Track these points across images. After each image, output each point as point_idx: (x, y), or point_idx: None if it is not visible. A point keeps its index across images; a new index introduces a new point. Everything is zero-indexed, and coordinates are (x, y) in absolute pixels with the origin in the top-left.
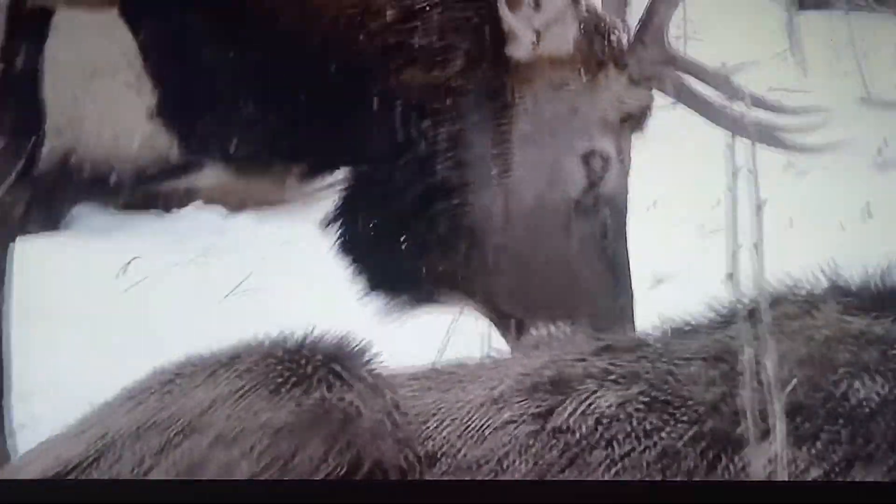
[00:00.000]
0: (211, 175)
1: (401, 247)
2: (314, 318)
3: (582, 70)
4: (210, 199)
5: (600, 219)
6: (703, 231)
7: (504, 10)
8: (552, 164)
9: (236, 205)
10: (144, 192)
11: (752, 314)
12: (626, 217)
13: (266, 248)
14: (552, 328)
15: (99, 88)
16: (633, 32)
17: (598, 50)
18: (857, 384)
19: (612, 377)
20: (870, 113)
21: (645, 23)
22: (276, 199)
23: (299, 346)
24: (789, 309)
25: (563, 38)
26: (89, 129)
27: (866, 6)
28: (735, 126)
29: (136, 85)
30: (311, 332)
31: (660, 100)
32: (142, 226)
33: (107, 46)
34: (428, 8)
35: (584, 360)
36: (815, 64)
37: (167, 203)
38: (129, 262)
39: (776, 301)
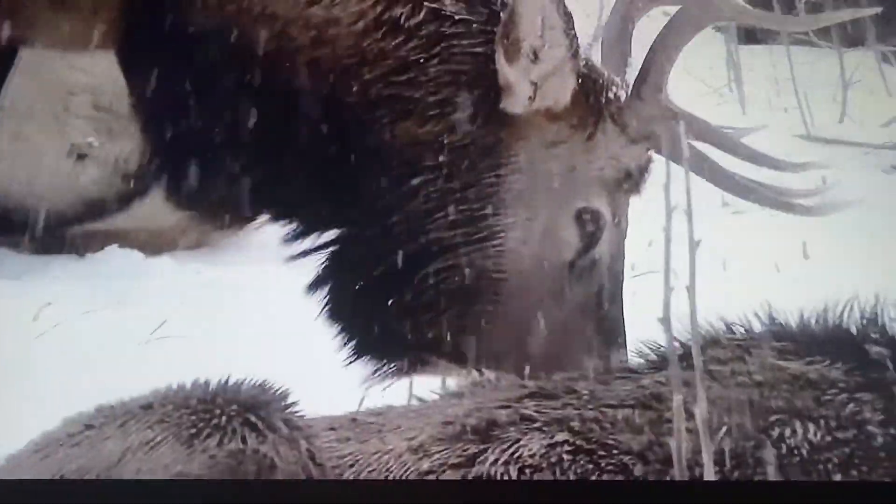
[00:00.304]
0: (134, 216)
1: (388, 311)
2: (232, 365)
3: (578, 126)
4: (127, 243)
5: (596, 283)
6: (632, 273)
7: (502, 63)
8: (546, 225)
9: (154, 248)
10: (59, 234)
11: (684, 359)
12: (622, 282)
13: (184, 293)
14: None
15: (12, 128)
16: (630, 88)
17: (595, 105)
18: (788, 431)
19: (537, 424)
20: (809, 149)
21: (642, 78)
22: (194, 243)
23: (214, 394)
24: (722, 353)
25: (561, 92)
26: (2, 169)
27: (808, 40)
28: (737, 188)
29: (55, 126)
30: (227, 380)
31: None
32: (55, 270)
33: (26, 84)
34: (422, 60)
35: (508, 406)
36: (755, 99)
37: (82, 246)
38: (41, 308)
39: (708, 345)
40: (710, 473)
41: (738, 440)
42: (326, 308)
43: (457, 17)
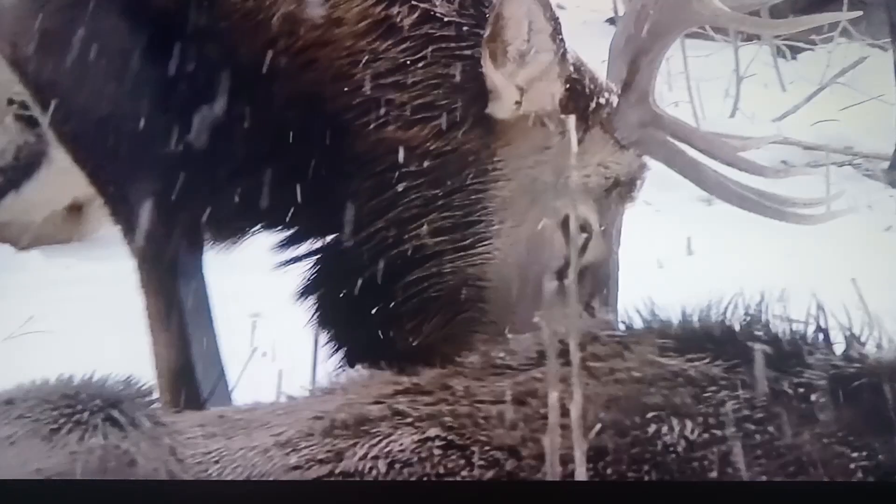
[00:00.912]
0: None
1: (374, 319)
2: (99, 361)
3: (566, 132)
4: None
5: (585, 291)
6: None
7: (488, 66)
8: (532, 232)
9: (26, 242)
10: None
11: (562, 355)
12: (612, 291)
13: (53, 288)
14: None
15: None
16: (618, 93)
17: (583, 111)
18: (665, 428)
19: (409, 420)
20: None
21: (629, 84)
22: (66, 237)
23: (77, 390)
24: (600, 349)
25: (548, 96)
26: None
27: (703, 34)
28: (722, 191)
29: None
30: (92, 375)
31: None
32: None
33: None
34: (409, 62)
35: (380, 402)
36: None
37: None
38: None
39: (588, 341)
40: (581, 472)
41: (614, 437)
42: (315, 316)
43: (446, 19)
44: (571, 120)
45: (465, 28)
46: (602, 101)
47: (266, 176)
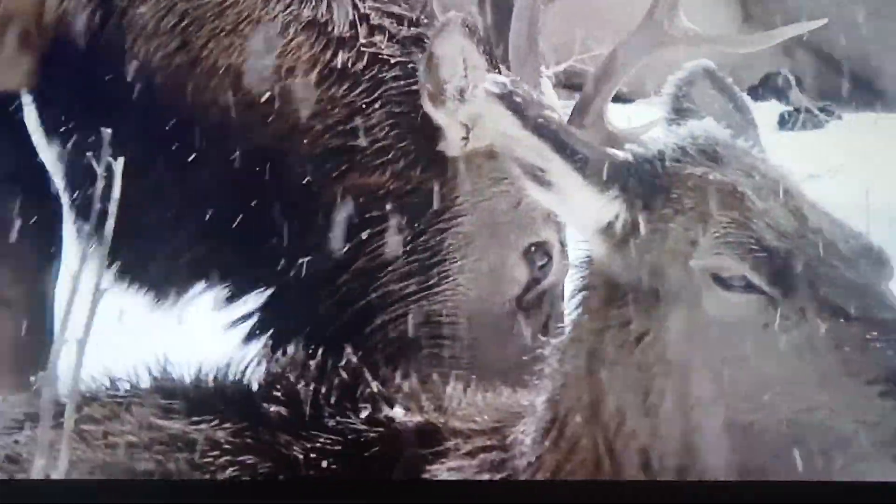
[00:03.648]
0: None
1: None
2: None
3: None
4: None
5: (543, 313)
6: None
7: (428, 106)
8: (493, 264)
9: None
10: None
11: (57, 416)
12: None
13: None
14: None
15: None
16: (570, 117)
17: None
18: None
19: None
20: None
21: (584, 106)
22: None
23: None
24: (99, 411)
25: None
26: None
27: None
28: None
29: None
30: None
31: None
32: None
33: None
34: (365, 106)
35: None
36: None
37: None
38: None
39: (86, 402)
40: None
41: None
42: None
43: (393, 61)
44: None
45: (410, 66)
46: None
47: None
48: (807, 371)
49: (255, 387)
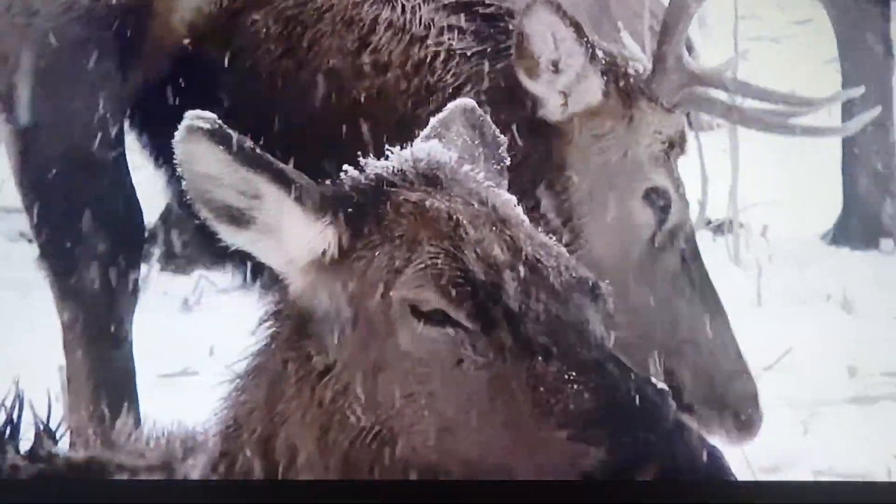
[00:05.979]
0: None
1: None
2: None
3: (617, 114)
4: None
5: (678, 251)
6: None
7: (525, 79)
8: (619, 214)
9: None
10: None
11: None
12: (696, 242)
13: None
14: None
15: None
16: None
17: (625, 89)
18: None
19: None
20: None
21: (661, 49)
22: None
23: None
24: None
25: (591, 92)
26: None
27: None
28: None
29: None
30: None
31: None
32: None
33: None
34: (456, 89)
35: None
36: None
37: None
38: None
39: None
40: None
41: None
42: None
43: (474, 48)
44: None
45: (494, 49)
46: (633, 72)
47: None
48: (494, 412)
49: None
